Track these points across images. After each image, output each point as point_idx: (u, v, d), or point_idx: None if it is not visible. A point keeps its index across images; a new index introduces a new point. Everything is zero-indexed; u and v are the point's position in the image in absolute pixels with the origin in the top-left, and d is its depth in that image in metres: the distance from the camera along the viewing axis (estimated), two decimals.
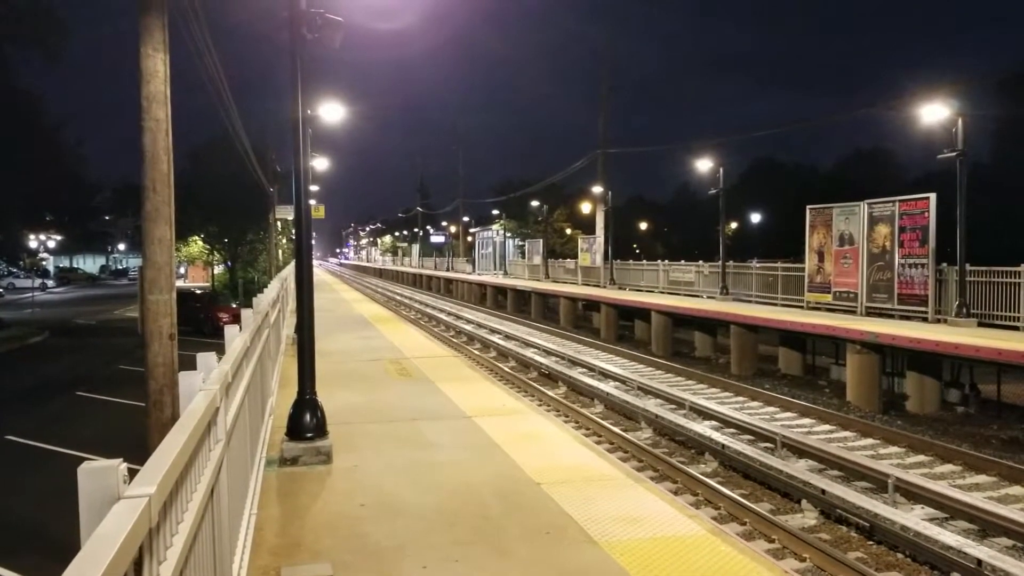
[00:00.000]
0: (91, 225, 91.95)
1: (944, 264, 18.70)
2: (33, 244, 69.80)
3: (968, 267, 17.84)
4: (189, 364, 4.08)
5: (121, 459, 1.93)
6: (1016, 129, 44.82)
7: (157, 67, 9.17)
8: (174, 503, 2.40)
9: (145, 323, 9.63)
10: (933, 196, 18.63)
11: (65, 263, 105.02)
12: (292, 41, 7.82)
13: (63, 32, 29.66)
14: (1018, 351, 13.44)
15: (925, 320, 18.51)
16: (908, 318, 19.04)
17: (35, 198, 43.72)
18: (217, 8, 12.13)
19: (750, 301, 26.23)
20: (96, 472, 1.87)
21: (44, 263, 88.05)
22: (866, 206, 20.72)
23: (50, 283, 79.06)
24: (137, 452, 3.19)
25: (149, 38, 9.09)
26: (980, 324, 17.50)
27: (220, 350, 4.98)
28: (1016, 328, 16.76)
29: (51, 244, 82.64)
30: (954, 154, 17.97)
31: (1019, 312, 16.85)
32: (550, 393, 17.34)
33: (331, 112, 18.79)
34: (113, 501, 1.84)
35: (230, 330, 5.54)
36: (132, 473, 2.04)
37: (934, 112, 18.47)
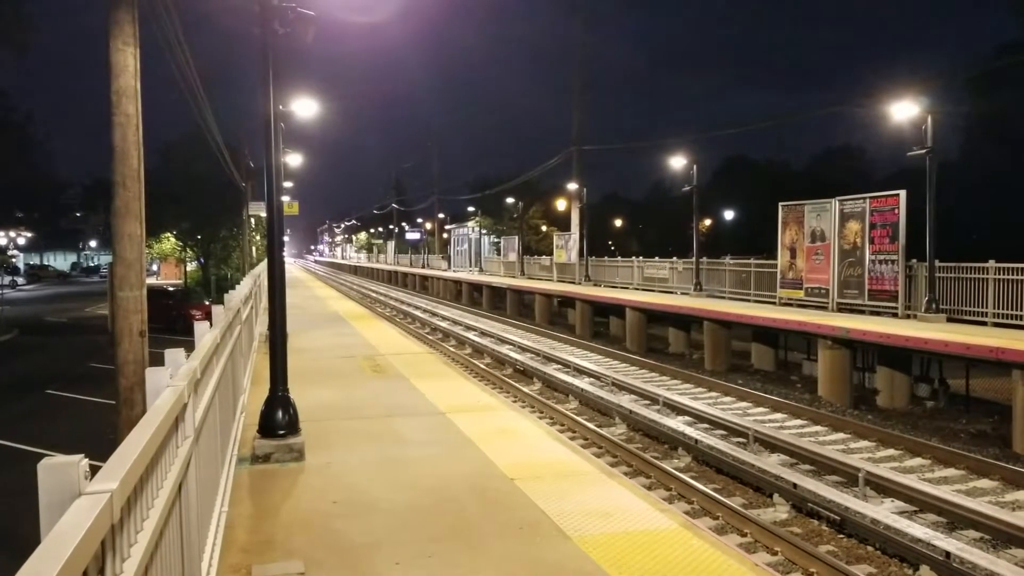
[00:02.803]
0: (62, 222, 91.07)
1: (914, 260, 18.91)
2: (2, 241, 68.88)
3: (937, 263, 18.05)
4: (160, 361, 4.04)
5: (82, 455, 1.91)
6: (985, 126, 45.41)
7: (127, 62, 9.07)
8: (139, 499, 2.38)
9: (115, 320, 9.54)
10: (903, 193, 18.83)
11: (35, 260, 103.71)
12: (263, 36, 7.76)
13: (30, 26, 29.26)
14: (986, 346, 13.62)
15: (895, 315, 18.71)
16: (879, 313, 19.24)
17: (4, 194, 43.12)
18: (187, 2, 11.99)
19: (723, 297, 26.40)
20: (56, 468, 1.85)
21: (14, 260, 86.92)
22: (837, 203, 20.91)
23: (20, 280, 77.92)
24: (108, 450, 3.16)
25: (119, 32, 9.00)
26: (949, 319, 17.72)
27: (192, 347, 4.94)
28: (984, 323, 16.99)
29: (21, 241, 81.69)
30: (923, 151, 18.17)
31: (987, 307, 17.09)
32: (525, 389, 17.35)
33: (305, 108, 18.67)
34: (74, 497, 1.82)
35: (200, 327, 5.49)
36: (97, 471, 2.02)
37: (904, 109, 18.66)
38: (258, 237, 53.19)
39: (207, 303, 30.52)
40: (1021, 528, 8.26)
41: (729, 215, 71.88)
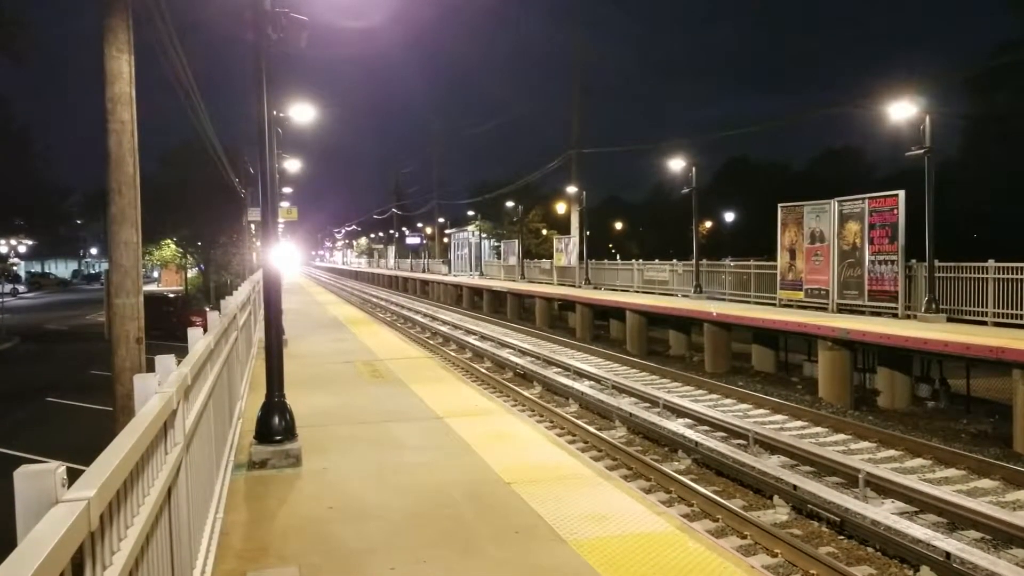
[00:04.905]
0: (62, 229, 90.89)
1: (913, 260, 18.88)
2: (3, 249, 68.86)
3: (937, 263, 18.02)
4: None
5: (60, 462, 1.89)
6: (984, 126, 45.39)
7: (122, 68, 9.07)
8: (122, 507, 2.36)
9: (112, 327, 9.53)
10: (902, 193, 18.81)
11: (37, 268, 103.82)
12: (256, 41, 7.75)
13: (28, 35, 29.27)
14: (986, 345, 13.59)
15: (895, 316, 18.68)
16: (878, 314, 19.21)
17: (4, 202, 43.16)
18: (182, 8, 12.00)
19: (724, 299, 26.36)
20: (33, 475, 1.83)
21: (15, 268, 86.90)
22: (836, 204, 20.89)
23: (21, 288, 78.07)
24: None
25: (113, 39, 9.00)
26: (949, 319, 17.69)
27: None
28: (984, 323, 16.96)
29: (22, 249, 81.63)
30: (922, 151, 18.15)
31: (987, 307, 17.05)
32: (525, 393, 17.33)
33: (302, 113, 18.68)
34: (50, 505, 1.81)
35: (193, 333, 5.47)
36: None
37: (902, 110, 18.65)
38: (259, 243, 53.21)
39: (207, 309, 30.53)
40: (1022, 528, 8.23)
41: (729, 217, 71.89)
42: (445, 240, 76.55)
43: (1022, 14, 42.68)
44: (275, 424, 7.78)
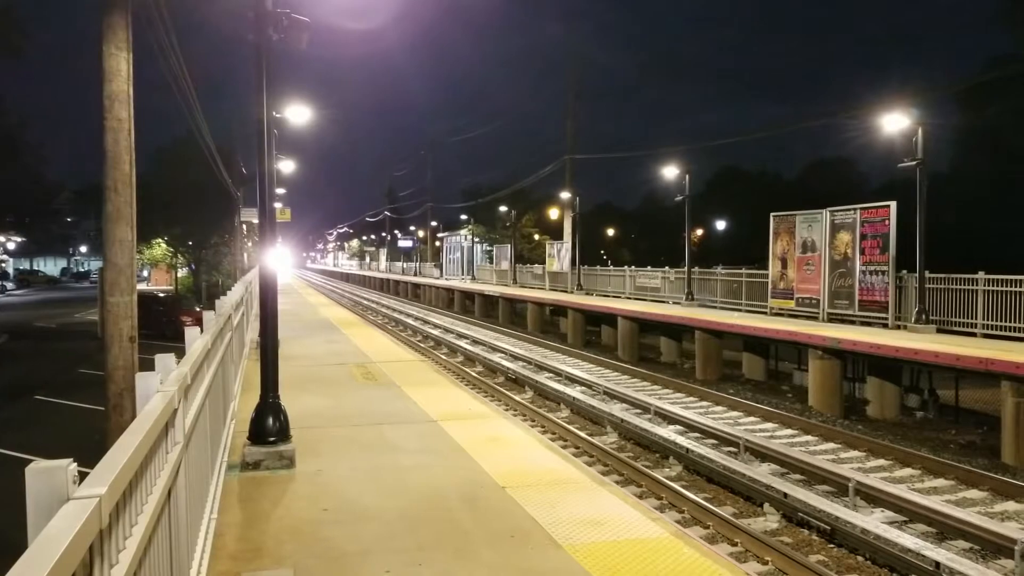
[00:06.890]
0: (52, 227, 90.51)
1: (904, 271, 18.98)
2: None
3: (927, 274, 18.12)
4: (149, 367, 4.02)
5: (71, 459, 1.90)
6: (976, 138, 45.60)
7: (120, 66, 9.08)
8: (128, 505, 2.36)
9: (105, 326, 9.52)
10: (893, 204, 18.91)
11: (26, 265, 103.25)
12: (257, 41, 7.74)
13: (23, 29, 29.18)
14: (975, 357, 13.67)
15: (885, 326, 18.77)
16: (869, 324, 19.30)
17: None
18: (182, 6, 11.99)
19: (715, 307, 26.42)
20: (44, 472, 1.83)
21: (4, 265, 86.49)
22: (828, 214, 20.99)
23: (9, 285, 77.64)
24: (96, 456, 3.14)
25: (112, 36, 9.01)
26: (939, 330, 17.78)
27: (182, 353, 4.91)
28: (973, 334, 17.05)
29: (11, 246, 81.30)
30: (914, 163, 18.25)
31: (976, 319, 17.15)
32: (517, 398, 17.33)
33: (298, 114, 18.69)
34: (62, 502, 1.81)
35: (191, 332, 5.47)
36: (85, 477, 2.01)
37: (894, 121, 18.75)
38: (250, 244, 53.12)
39: (198, 309, 30.43)
40: (1010, 538, 8.28)
41: (721, 225, 72.11)
42: (438, 244, 76.47)
43: (1012, 29, 42.84)
44: (269, 425, 7.76)
